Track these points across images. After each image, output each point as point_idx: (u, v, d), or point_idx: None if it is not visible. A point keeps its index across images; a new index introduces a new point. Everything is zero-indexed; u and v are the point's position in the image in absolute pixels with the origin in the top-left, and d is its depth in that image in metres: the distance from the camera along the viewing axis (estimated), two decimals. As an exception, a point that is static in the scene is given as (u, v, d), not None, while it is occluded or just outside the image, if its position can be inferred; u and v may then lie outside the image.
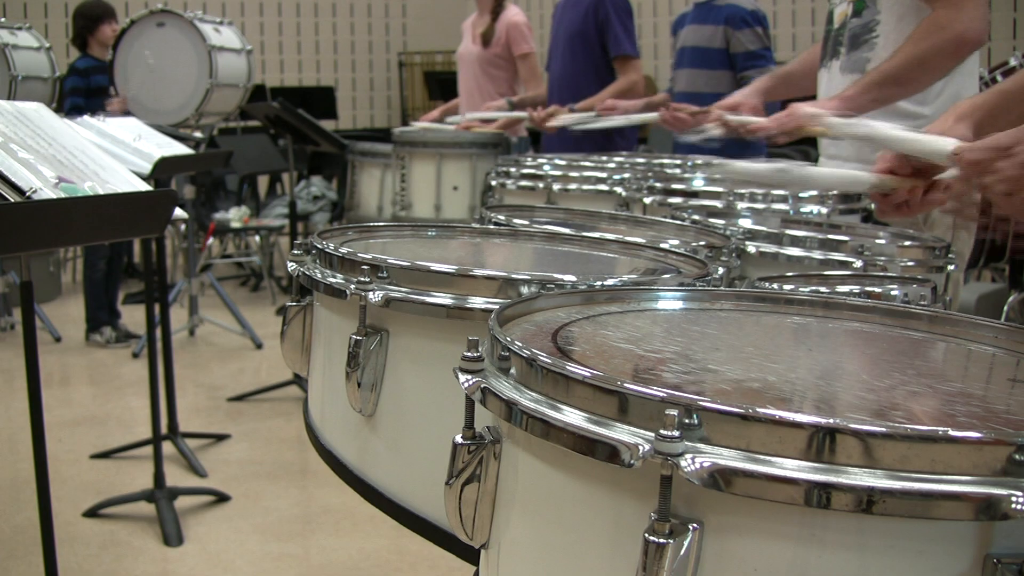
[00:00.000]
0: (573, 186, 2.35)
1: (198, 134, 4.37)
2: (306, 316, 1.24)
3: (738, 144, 3.14)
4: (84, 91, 4.87)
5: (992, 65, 5.01)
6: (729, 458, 0.60)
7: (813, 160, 2.52)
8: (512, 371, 0.75)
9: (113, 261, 4.93)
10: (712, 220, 1.63)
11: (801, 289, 1.24)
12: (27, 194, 1.56)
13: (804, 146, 4.48)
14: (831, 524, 0.60)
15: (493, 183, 2.56)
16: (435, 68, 9.61)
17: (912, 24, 1.92)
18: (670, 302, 1.02)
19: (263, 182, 7.42)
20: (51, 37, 6.12)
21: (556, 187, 2.35)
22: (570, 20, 3.86)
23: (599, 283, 1.02)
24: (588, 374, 0.68)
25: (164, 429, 3.15)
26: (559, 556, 0.72)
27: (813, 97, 2.24)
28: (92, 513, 2.86)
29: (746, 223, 1.59)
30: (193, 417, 3.77)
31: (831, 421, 0.59)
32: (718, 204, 1.86)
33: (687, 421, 0.62)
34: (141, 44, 4.56)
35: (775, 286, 1.27)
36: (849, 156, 2.10)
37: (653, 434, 0.61)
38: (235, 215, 5.92)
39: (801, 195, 1.88)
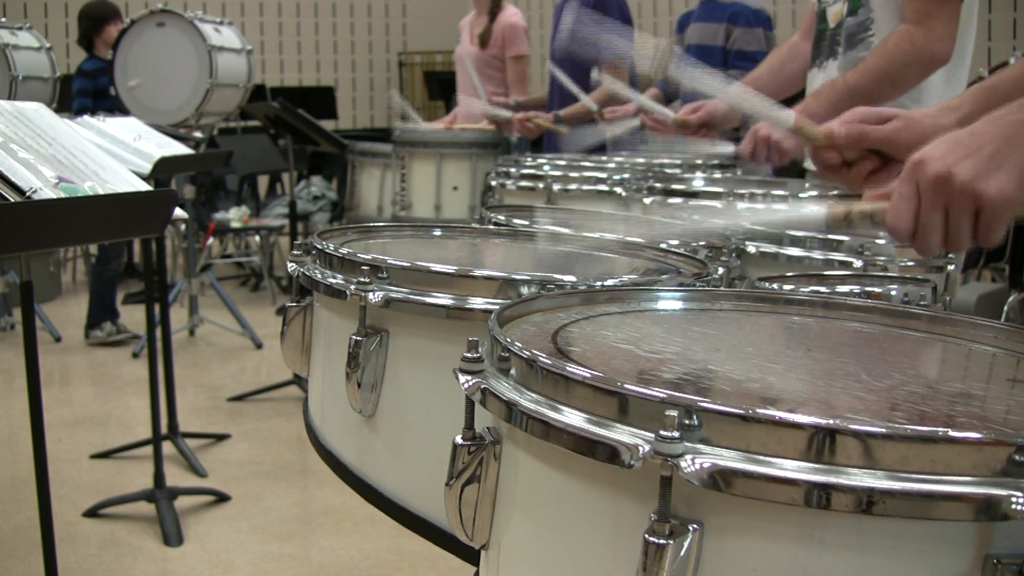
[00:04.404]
0: (573, 186, 2.35)
1: (198, 134, 4.37)
2: (306, 316, 1.24)
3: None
4: (92, 93, 4.88)
5: (992, 65, 5.01)
6: (729, 459, 0.60)
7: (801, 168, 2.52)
8: (512, 372, 0.75)
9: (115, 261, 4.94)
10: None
11: (801, 289, 1.24)
12: (27, 194, 1.56)
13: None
14: (831, 525, 0.60)
15: (493, 183, 2.56)
16: (435, 68, 9.60)
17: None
18: (670, 302, 1.02)
19: (263, 182, 7.41)
20: (51, 37, 6.12)
21: (556, 187, 2.35)
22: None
23: (599, 283, 1.02)
24: (588, 375, 0.68)
25: (164, 429, 3.15)
26: (559, 557, 0.72)
27: (785, 100, 2.24)
28: (92, 513, 2.86)
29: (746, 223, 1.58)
30: (193, 417, 3.77)
31: (831, 422, 0.59)
32: (718, 204, 1.86)
33: (687, 422, 0.62)
34: (141, 45, 4.56)
35: (775, 286, 1.27)
36: None
37: (653, 435, 0.61)
38: (235, 215, 5.92)
39: (801, 195, 1.88)
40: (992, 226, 0.91)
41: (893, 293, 1.29)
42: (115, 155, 2.40)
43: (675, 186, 1.98)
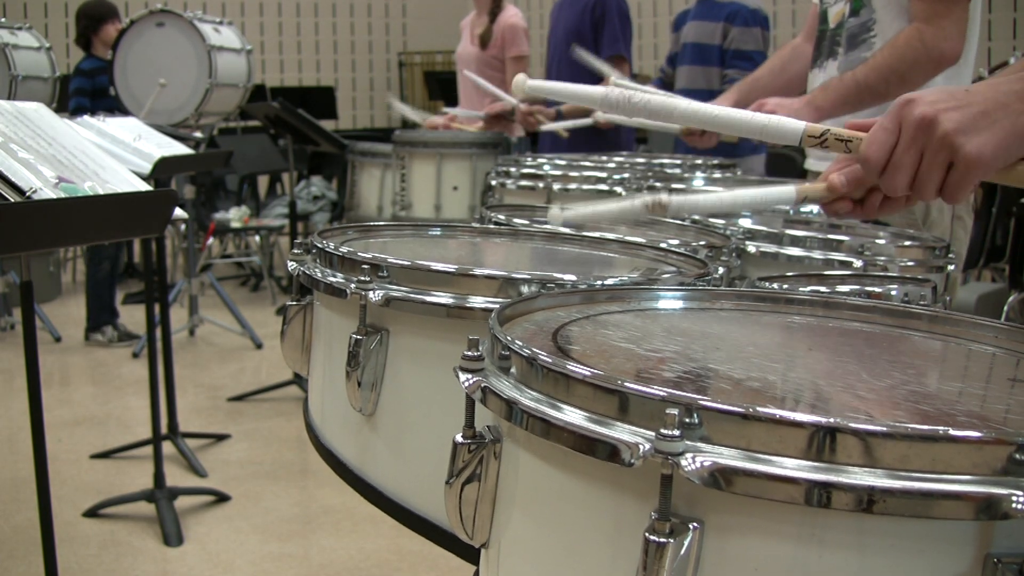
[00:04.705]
0: (573, 186, 2.35)
1: (198, 134, 4.37)
2: (306, 316, 1.24)
3: (732, 145, 3.14)
4: (89, 92, 4.88)
5: (992, 65, 5.01)
6: (729, 457, 0.60)
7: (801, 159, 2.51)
8: (512, 370, 0.75)
9: (113, 261, 4.93)
10: (712, 220, 1.63)
11: (801, 289, 1.24)
12: (27, 194, 1.56)
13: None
14: (831, 523, 0.60)
15: (493, 183, 2.56)
16: (435, 68, 9.61)
17: (907, 24, 1.93)
18: (670, 302, 1.02)
19: (263, 182, 7.42)
20: (51, 37, 6.12)
21: (556, 187, 2.35)
22: (567, 19, 3.86)
23: (599, 283, 1.02)
24: (588, 373, 0.68)
25: (164, 429, 3.15)
26: (559, 555, 0.72)
27: None
28: (92, 513, 2.86)
29: (746, 223, 1.59)
30: (193, 417, 3.77)
31: (831, 420, 0.59)
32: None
33: (687, 420, 0.62)
34: (141, 45, 4.56)
35: (775, 286, 1.27)
36: None
37: (653, 433, 0.61)
38: (235, 215, 5.92)
39: None
40: (961, 183, 0.91)
41: (893, 293, 1.29)
42: (115, 155, 2.40)
43: (675, 186, 1.98)
